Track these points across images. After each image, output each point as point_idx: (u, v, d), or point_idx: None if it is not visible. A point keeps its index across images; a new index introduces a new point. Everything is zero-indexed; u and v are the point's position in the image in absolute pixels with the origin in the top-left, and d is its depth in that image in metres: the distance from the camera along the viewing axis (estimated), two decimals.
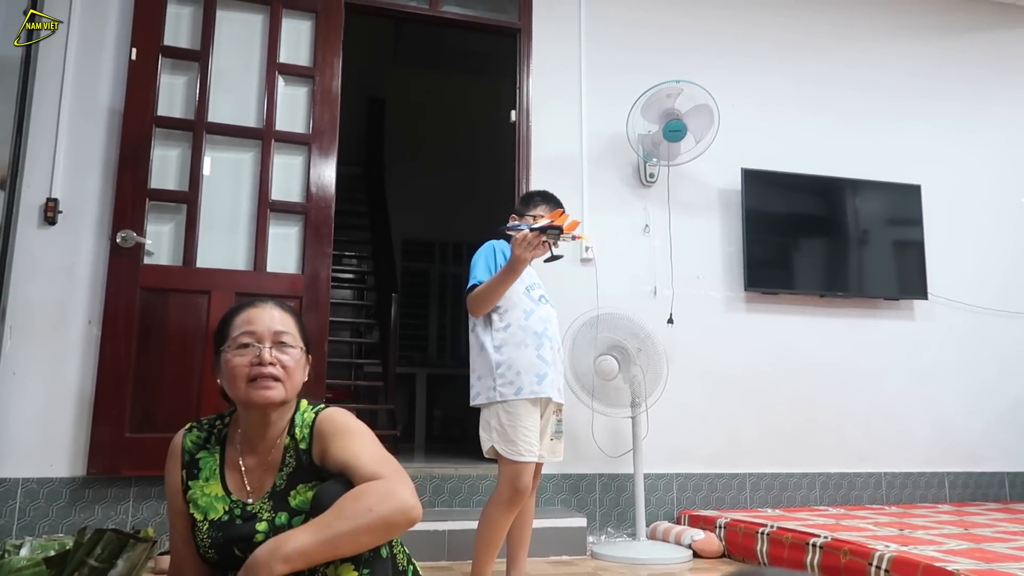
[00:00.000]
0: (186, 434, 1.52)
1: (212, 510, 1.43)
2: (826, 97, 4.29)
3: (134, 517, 3.00)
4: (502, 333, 2.35)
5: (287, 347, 1.45)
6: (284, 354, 1.45)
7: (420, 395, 6.88)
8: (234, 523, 1.41)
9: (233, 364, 1.43)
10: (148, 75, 3.23)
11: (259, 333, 1.44)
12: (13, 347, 3.02)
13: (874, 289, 4.13)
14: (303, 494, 1.40)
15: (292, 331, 1.48)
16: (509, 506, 2.26)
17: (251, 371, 1.41)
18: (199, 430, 1.53)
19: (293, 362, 1.45)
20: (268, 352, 1.42)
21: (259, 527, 1.39)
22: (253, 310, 1.48)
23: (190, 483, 1.47)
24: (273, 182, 3.35)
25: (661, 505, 3.67)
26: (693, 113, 3.66)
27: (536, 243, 2.18)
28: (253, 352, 1.43)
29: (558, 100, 3.89)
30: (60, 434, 3.02)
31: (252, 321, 1.45)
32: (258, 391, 1.41)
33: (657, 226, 3.89)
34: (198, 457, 1.49)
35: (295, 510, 1.39)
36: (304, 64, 3.50)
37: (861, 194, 4.19)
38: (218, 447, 1.50)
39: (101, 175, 3.22)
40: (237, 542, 1.40)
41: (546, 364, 2.35)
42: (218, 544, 1.41)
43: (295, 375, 1.46)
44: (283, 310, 1.51)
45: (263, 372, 1.41)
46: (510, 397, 2.28)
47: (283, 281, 3.28)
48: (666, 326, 3.67)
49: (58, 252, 3.13)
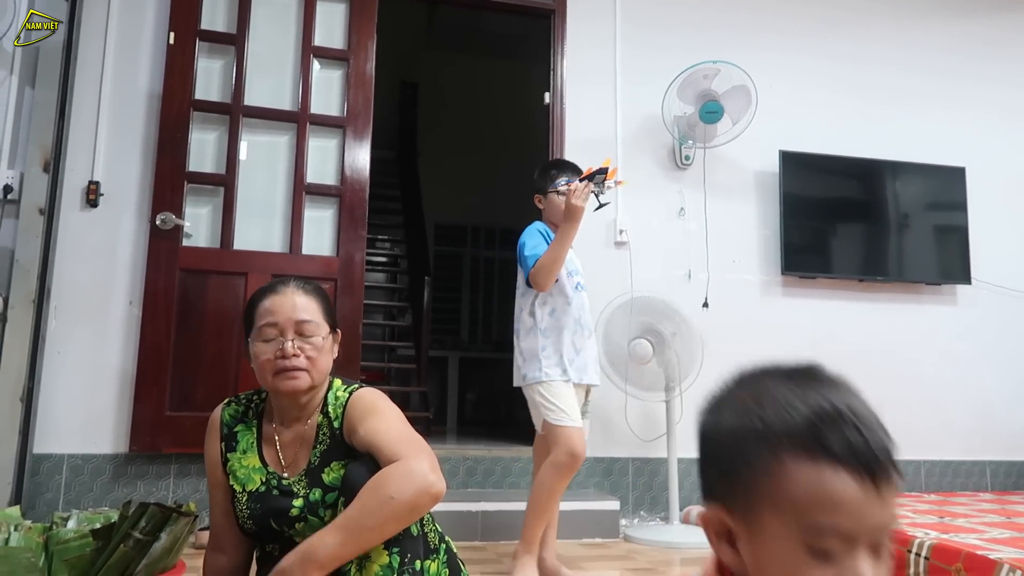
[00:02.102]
0: (224, 408, 1.55)
1: (250, 481, 1.46)
2: (867, 77, 4.19)
3: (174, 493, 3.07)
4: (547, 318, 2.44)
5: (310, 336, 1.45)
6: (307, 343, 1.44)
7: (452, 378, 6.92)
8: (271, 495, 1.43)
9: (259, 355, 1.44)
10: (186, 59, 3.26)
11: (281, 324, 1.44)
12: (58, 327, 3.09)
13: (915, 274, 4.05)
14: (336, 471, 1.41)
15: (315, 316, 1.47)
16: (565, 470, 2.31)
17: (276, 363, 1.42)
18: (236, 404, 1.55)
19: (316, 350, 1.44)
20: (291, 344, 1.42)
21: (295, 503, 1.41)
22: (275, 297, 1.46)
23: (228, 455, 1.50)
24: (308, 165, 3.37)
25: (695, 490, 3.65)
26: (730, 94, 3.60)
27: (587, 192, 2.28)
28: (277, 343, 1.43)
29: (593, 81, 3.86)
30: (103, 412, 3.09)
31: (274, 311, 1.45)
32: (284, 382, 1.43)
33: (692, 209, 3.84)
34: (236, 430, 1.52)
35: (328, 487, 1.40)
36: (339, 47, 3.51)
37: (902, 176, 4.09)
38: (255, 421, 1.52)
39: (141, 158, 3.27)
40: (274, 515, 1.42)
41: (575, 350, 2.43)
42: (256, 515, 1.43)
43: (320, 361, 1.45)
44: (306, 293, 1.49)
45: (286, 365, 1.41)
46: (554, 379, 2.37)
47: (318, 263, 3.31)
48: (701, 310, 3.63)
49: (100, 234, 3.19)
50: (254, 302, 1.49)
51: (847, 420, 0.62)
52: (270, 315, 1.44)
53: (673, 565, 2.77)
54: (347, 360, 3.26)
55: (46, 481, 2.99)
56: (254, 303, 1.49)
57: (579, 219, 2.31)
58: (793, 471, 0.62)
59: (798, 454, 0.62)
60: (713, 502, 0.69)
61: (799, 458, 0.62)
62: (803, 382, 0.67)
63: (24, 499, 2.88)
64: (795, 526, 0.61)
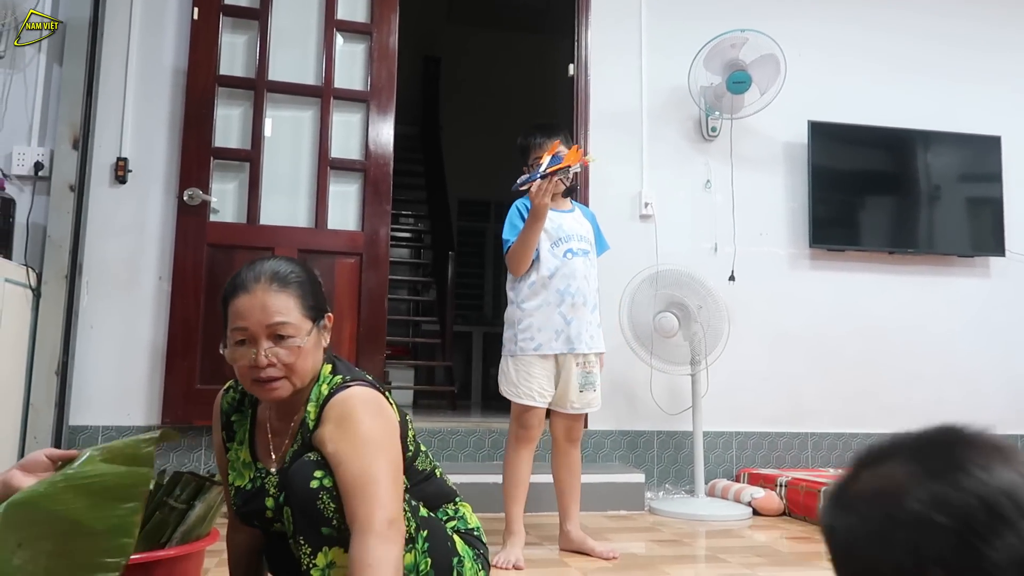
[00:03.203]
0: (223, 396, 1.51)
1: (240, 477, 1.45)
2: (898, 45, 4.09)
3: (205, 465, 3.12)
4: (526, 290, 2.45)
5: (286, 339, 1.30)
6: (283, 347, 1.30)
7: (476, 353, 6.95)
8: (252, 493, 1.41)
9: (233, 361, 1.33)
10: (210, 34, 3.27)
11: (251, 330, 1.30)
12: (90, 302, 3.14)
13: (946, 246, 3.98)
14: None
15: (291, 315, 1.31)
16: (515, 443, 2.42)
17: (250, 372, 1.31)
18: (234, 391, 1.50)
19: (294, 356, 1.30)
20: (263, 355, 1.29)
21: (267, 503, 1.39)
22: (244, 298, 1.31)
23: (228, 445, 1.49)
24: (332, 140, 3.37)
25: (720, 463, 3.65)
26: (758, 64, 3.54)
27: (549, 186, 2.27)
28: (249, 353, 1.30)
29: (617, 53, 3.80)
30: (135, 385, 3.15)
31: (243, 314, 1.30)
32: (263, 393, 1.34)
33: (719, 181, 3.80)
34: (233, 420, 1.49)
35: None
36: (362, 20, 3.49)
37: (934, 146, 4.00)
38: (250, 410, 1.49)
39: (167, 134, 3.29)
40: (254, 515, 1.41)
41: (565, 321, 2.41)
42: (242, 513, 1.44)
43: (301, 366, 1.32)
44: (280, 288, 1.32)
45: (262, 376, 1.30)
46: (524, 353, 2.41)
47: (343, 238, 3.32)
48: (727, 283, 3.60)
49: (129, 210, 3.23)
50: (226, 298, 1.35)
51: (1011, 524, 0.49)
52: (240, 319, 1.31)
53: (698, 537, 2.78)
54: (374, 335, 3.29)
55: None
56: (226, 299, 1.35)
57: (542, 216, 2.32)
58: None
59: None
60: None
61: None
62: (945, 469, 0.55)
63: None
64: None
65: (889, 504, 0.55)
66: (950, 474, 0.53)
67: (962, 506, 0.51)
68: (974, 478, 0.52)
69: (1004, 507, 0.50)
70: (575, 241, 2.48)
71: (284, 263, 1.38)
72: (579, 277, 2.45)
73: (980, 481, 0.52)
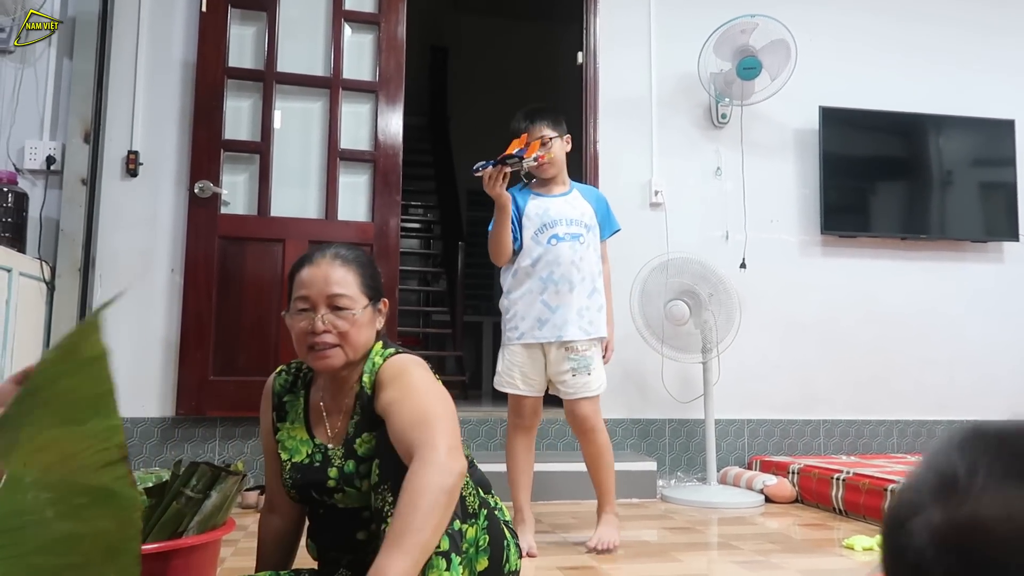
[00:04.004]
0: (275, 377, 1.55)
1: (297, 453, 1.47)
2: (909, 29, 4.05)
3: (220, 455, 3.15)
4: (510, 279, 2.46)
5: (343, 310, 1.38)
6: (340, 318, 1.38)
7: (487, 342, 6.96)
8: (312, 466, 1.44)
9: (293, 329, 1.41)
10: (218, 27, 3.27)
11: (313, 298, 1.39)
12: (103, 295, 3.16)
13: (959, 231, 3.95)
14: (367, 442, 1.39)
15: (351, 289, 1.40)
16: (511, 431, 2.47)
17: (308, 339, 1.38)
18: (287, 373, 1.55)
19: (350, 325, 1.38)
20: (320, 320, 1.37)
21: (330, 473, 1.41)
22: (310, 269, 1.41)
23: (279, 425, 1.52)
24: (342, 131, 3.38)
25: (732, 451, 3.65)
26: (769, 49, 3.51)
27: (498, 175, 2.24)
28: (309, 318, 1.38)
29: (626, 40, 3.79)
30: (150, 377, 3.17)
31: (306, 283, 1.40)
32: (316, 360, 1.39)
33: (729, 168, 3.78)
34: (285, 400, 1.53)
35: (361, 458, 1.39)
36: (369, 11, 3.48)
37: (947, 131, 3.97)
38: (303, 391, 1.52)
39: (178, 127, 3.30)
40: (313, 486, 1.43)
41: (549, 309, 2.38)
42: (298, 485, 1.45)
43: (355, 337, 1.39)
44: (343, 263, 1.42)
45: (317, 342, 1.37)
46: (509, 342, 2.45)
47: (353, 229, 3.33)
48: (738, 271, 3.59)
49: (140, 203, 3.24)
50: (292, 272, 1.45)
51: None
52: (303, 288, 1.40)
53: (710, 524, 2.78)
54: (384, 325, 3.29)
55: None
56: (292, 273, 1.45)
57: (502, 206, 2.31)
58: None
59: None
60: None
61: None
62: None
63: None
64: None
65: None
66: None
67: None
68: None
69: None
70: (562, 226, 2.41)
71: (349, 247, 1.48)
72: (564, 263, 2.38)
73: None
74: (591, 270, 2.43)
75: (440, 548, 1.21)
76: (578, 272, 2.40)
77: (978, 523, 0.47)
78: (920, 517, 0.51)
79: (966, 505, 0.48)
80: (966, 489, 0.49)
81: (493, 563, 1.37)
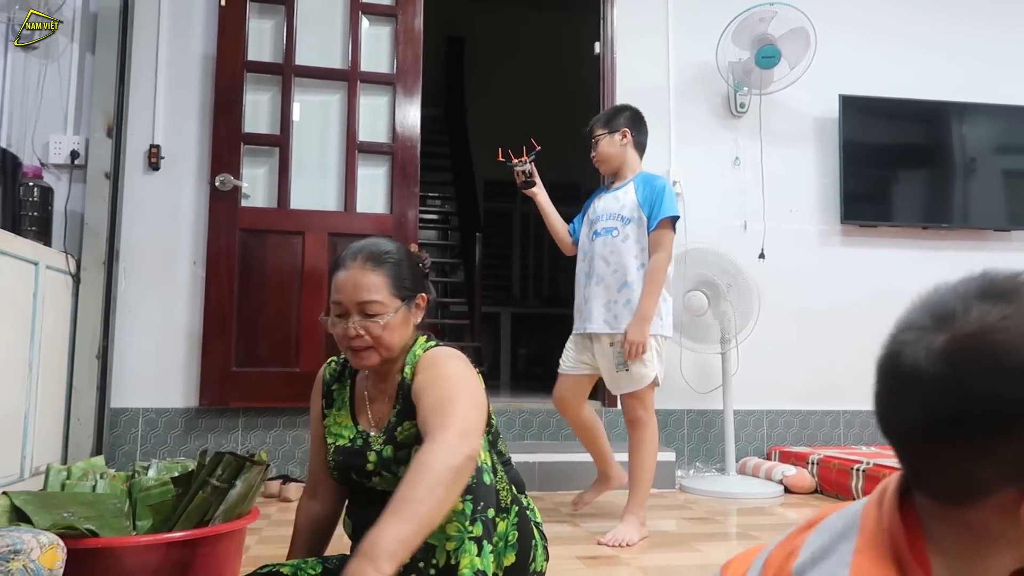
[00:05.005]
0: (326, 367, 1.61)
1: (340, 438, 1.52)
2: (930, 15, 4.00)
3: (243, 445, 3.20)
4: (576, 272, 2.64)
5: (374, 315, 1.41)
6: (371, 323, 1.41)
7: (505, 333, 6.98)
8: (353, 449, 1.48)
9: (332, 331, 1.46)
10: (237, 20, 3.29)
11: (344, 304, 1.42)
12: (127, 287, 3.21)
13: (982, 220, 3.91)
14: (408, 430, 1.42)
15: (380, 293, 1.42)
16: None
17: (345, 341, 1.44)
18: (336, 364, 1.61)
19: (381, 329, 1.41)
20: (353, 327, 1.41)
21: (369, 457, 1.45)
22: (341, 274, 1.44)
23: (327, 412, 1.57)
24: (360, 123, 3.39)
25: (751, 441, 3.65)
26: (788, 37, 3.48)
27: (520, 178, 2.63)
28: (344, 323, 1.43)
29: (643, 29, 3.77)
30: (173, 368, 3.22)
31: (339, 288, 1.43)
32: (355, 361, 1.46)
33: (748, 158, 3.76)
34: (333, 389, 1.58)
35: (400, 444, 1.42)
36: (387, 3, 3.49)
37: (969, 118, 3.92)
38: (349, 381, 1.57)
39: (198, 121, 3.33)
40: (353, 469, 1.47)
41: (584, 302, 2.52)
42: (340, 467, 1.49)
43: (388, 339, 1.43)
44: (373, 268, 1.43)
45: (352, 345, 1.43)
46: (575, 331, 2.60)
47: (372, 221, 3.35)
48: (757, 261, 3.57)
49: (162, 196, 3.28)
50: (330, 271, 1.49)
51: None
52: (337, 292, 1.44)
53: (730, 515, 2.78)
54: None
55: (124, 433, 3.15)
56: (330, 272, 1.49)
57: (535, 199, 2.64)
58: None
59: None
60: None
61: None
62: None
63: (104, 450, 3.04)
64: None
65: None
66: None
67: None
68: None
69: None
70: (603, 221, 2.50)
71: (384, 243, 1.49)
72: (597, 257, 2.47)
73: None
74: (623, 263, 2.42)
75: (473, 533, 1.23)
76: (607, 266, 2.45)
77: (981, 337, 0.57)
78: (920, 343, 0.61)
79: (968, 327, 0.57)
80: (964, 316, 0.58)
81: (520, 560, 1.39)
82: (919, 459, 0.63)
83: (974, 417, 0.56)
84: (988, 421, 0.56)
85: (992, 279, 0.60)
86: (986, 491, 0.58)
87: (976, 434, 0.56)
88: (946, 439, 0.59)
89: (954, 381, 0.57)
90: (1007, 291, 0.59)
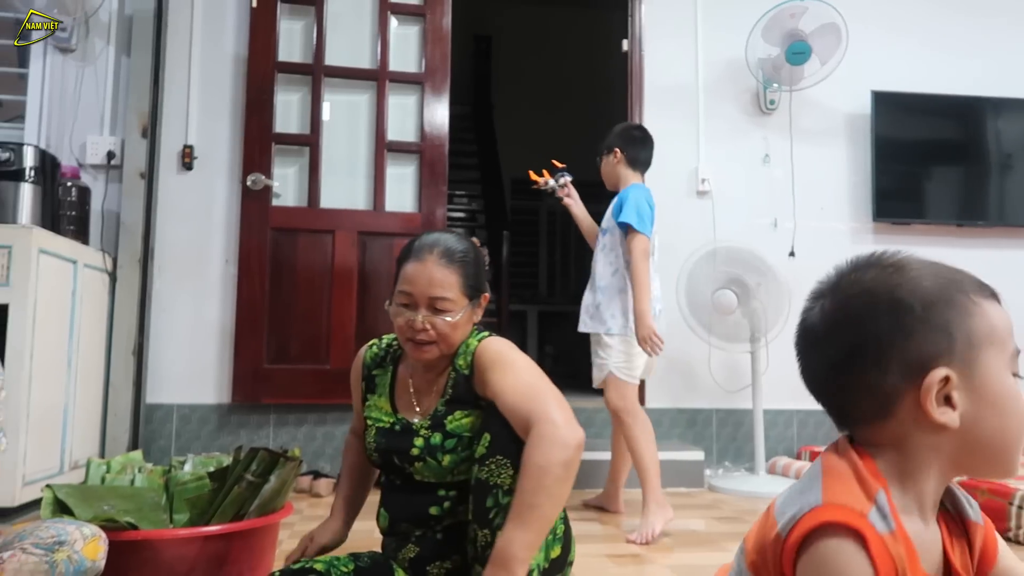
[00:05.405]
0: (367, 349, 1.61)
1: (380, 422, 1.53)
2: (963, 9, 3.92)
3: (274, 440, 3.24)
4: None
5: (443, 312, 1.41)
6: (439, 319, 1.41)
7: (532, 331, 6.99)
8: (396, 432, 1.48)
9: (394, 316, 1.45)
10: (268, 21, 3.33)
11: (415, 296, 1.42)
12: (161, 286, 3.27)
13: (1019, 217, 3.83)
14: (459, 419, 1.42)
15: (452, 291, 1.42)
16: None
17: (407, 332, 1.43)
18: (377, 348, 1.60)
19: (448, 326, 1.41)
20: (420, 319, 1.40)
21: (416, 442, 1.44)
22: (415, 265, 1.43)
23: (367, 395, 1.57)
24: (388, 123, 3.42)
25: (780, 441, 3.62)
26: (819, 33, 3.44)
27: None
28: (410, 314, 1.42)
29: (672, 26, 3.75)
30: (206, 365, 3.27)
31: (411, 280, 1.42)
32: (414, 352, 1.44)
33: (777, 155, 3.73)
34: (374, 373, 1.58)
35: (450, 433, 1.42)
36: (415, 2, 3.51)
37: (1005, 114, 3.85)
38: (391, 366, 1.57)
39: (230, 121, 3.38)
40: (396, 452, 1.46)
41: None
42: (381, 449, 1.49)
43: (452, 336, 1.43)
44: (448, 264, 1.43)
45: (415, 338, 1.42)
46: None
47: (401, 220, 3.38)
48: (787, 259, 3.54)
49: (196, 196, 3.33)
50: (401, 259, 1.47)
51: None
52: (407, 283, 1.43)
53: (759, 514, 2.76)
54: None
55: (159, 429, 3.21)
56: (401, 260, 1.47)
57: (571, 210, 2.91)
58: (989, 310, 0.77)
59: (985, 297, 0.78)
60: (924, 369, 0.74)
61: (988, 299, 0.78)
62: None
63: (140, 445, 3.10)
64: (1003, 354, 0.76)
65: (936, 270, 0.81)
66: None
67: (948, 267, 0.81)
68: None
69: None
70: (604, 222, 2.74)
71: (457, 241, 1.49)
72: (595, 260, 2.72)
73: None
74: (598, 270, 2.69)
75: None
76: (595, 270, 2.70)
77: (857, 296, 0.79)
78: (814, 310, 0.82)
79: (849, 289, 0.80)
80: (847, 280, 0.81)
81: (563, 552, 1.41)
82: (838, 398, 0.80)
83: (863, 349, 0.76)
84: (873, 348, 0.75)
85: (877, 255, 0.81)
86: (894, 398, 0.74)
87: (867, 359, 0.75)
88: (849, 373, 0.77)
89: (843, 327, 0.78)
90: (878, 262, 0.80)
